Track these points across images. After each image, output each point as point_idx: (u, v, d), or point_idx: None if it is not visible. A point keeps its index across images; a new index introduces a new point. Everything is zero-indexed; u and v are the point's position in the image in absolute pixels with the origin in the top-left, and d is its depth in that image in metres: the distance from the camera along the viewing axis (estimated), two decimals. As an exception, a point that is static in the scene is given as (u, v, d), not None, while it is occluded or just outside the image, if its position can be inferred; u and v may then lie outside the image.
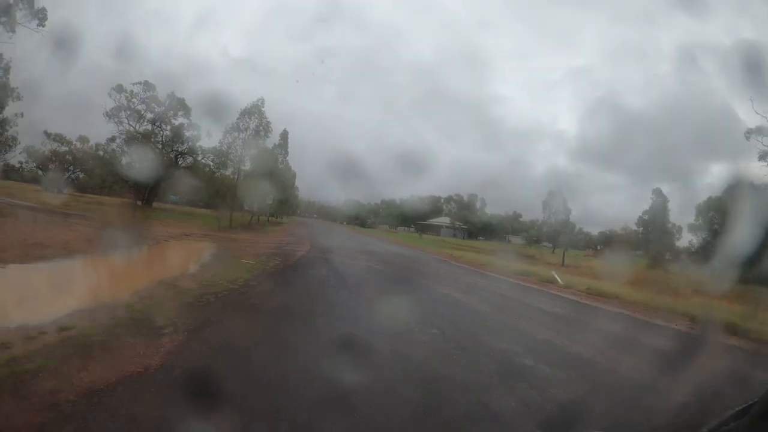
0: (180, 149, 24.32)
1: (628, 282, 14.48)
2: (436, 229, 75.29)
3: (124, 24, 40.20)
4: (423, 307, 9.77)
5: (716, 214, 26.88)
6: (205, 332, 6.42)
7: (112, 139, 23.80)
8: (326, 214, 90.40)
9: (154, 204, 25.34)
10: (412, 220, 78.02)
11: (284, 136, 39.06)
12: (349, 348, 6.08)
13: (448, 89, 60.87)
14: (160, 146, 24.12)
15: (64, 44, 20.65)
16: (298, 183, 46.55)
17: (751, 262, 13.01)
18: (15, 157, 28.64)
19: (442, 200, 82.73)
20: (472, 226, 71.66)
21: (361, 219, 76.84)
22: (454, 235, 69.21)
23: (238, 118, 25.44)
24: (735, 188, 21.06)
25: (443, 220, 76.35)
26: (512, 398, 5.04)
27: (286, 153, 39.03)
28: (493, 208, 66.64)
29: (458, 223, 74.43)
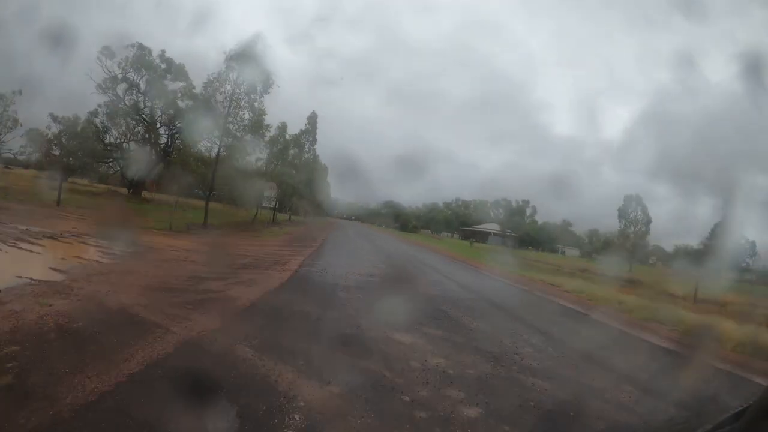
0: (175, 127, 19.18)
1: None
2: (482, 236, 68.43)
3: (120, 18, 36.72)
4: None
5: None
6: None
7: (95, 114, 19.13)
8: (365, 217, 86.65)
9: (146, 194, 20.44)
10: (457, 225, 72.18)
11: (312, 120, 33.08)
12: None
13: (492, 95, 57.27)
14: (149, 121, 19.13)
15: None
16: (337, 184, 41.59)
17: None
18: (14, 140, 25.33)
19: (489, 204, 77.01)
20: (523, 234, 64.69)
21: (402, 222, 70.92)
22: (504, 244, 62.18)
23: (225, 65, 18.50)
24: None
25: (491, 226, 69.40)
26: None
27: (314, 140, 33.19)
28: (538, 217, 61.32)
29: (509, 230, 67.29)
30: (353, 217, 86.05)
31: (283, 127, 28.11)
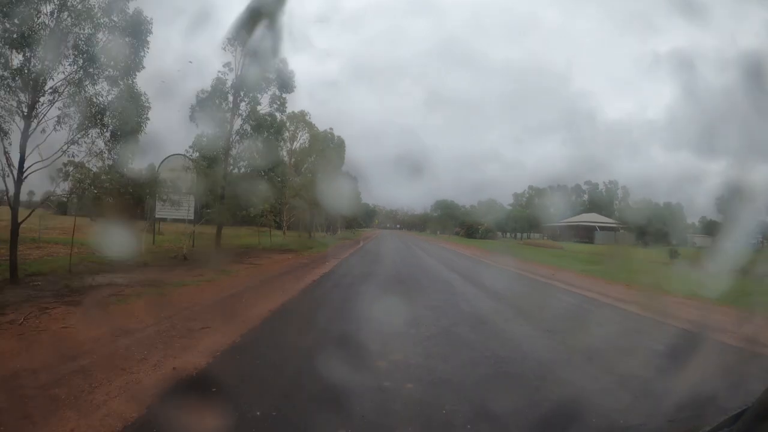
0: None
1: None
2: (578, 233, 49.19)
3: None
4: None
5: None
6: None
7: None
8: (411, 224, 71.69)
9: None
10: (528, 224, 54.90)
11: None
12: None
13: (534, 89, 57.75)
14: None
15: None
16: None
17: None
18: None
19: (569, 190, 60.95)
20: (625, 224, 47.43)
21: (466, 227, 52.80)
22: (616, 241, 44.59)
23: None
24: None
25: (588, 217, 50.81)
26: None
27: (290, 85, 14.75)
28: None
29: (618, 222, 49.83)
30: (398, 225, 72.09)
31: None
